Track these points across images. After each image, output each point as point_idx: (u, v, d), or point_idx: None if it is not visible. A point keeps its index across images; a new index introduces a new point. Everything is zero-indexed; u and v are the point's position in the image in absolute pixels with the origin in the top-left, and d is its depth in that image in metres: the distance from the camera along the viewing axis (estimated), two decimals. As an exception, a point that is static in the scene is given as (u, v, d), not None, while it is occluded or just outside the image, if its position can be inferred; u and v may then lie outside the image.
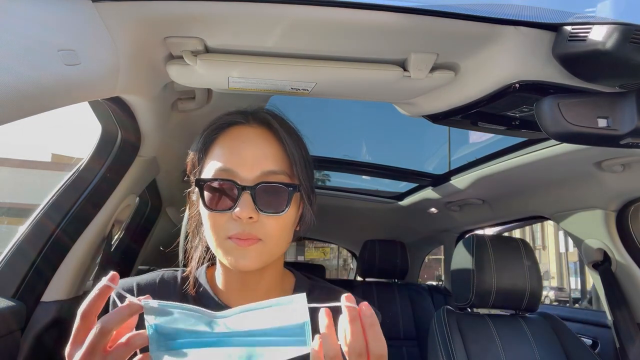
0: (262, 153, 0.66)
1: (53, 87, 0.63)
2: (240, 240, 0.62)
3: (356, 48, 0.83)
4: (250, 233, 0.63)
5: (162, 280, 0.73)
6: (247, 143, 0.66)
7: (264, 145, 0.67)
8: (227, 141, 0.68)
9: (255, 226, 0.63)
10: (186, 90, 1.15)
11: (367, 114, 2.71)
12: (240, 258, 0.63)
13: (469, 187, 1.87)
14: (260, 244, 0.63)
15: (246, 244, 0.62)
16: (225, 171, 0.64)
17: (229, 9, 0.72)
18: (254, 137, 0.67)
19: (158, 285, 0.72)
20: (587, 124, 0.75)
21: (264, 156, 0.66)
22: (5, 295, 1.06)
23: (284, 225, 0.66)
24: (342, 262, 13.89)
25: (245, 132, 0.68)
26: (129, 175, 1.31)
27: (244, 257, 0.63)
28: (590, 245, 1.64)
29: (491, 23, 0.75)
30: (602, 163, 1.31)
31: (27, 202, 9.16)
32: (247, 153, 0.65)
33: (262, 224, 0.63)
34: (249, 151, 0.66)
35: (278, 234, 0.65)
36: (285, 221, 0.66)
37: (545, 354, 1.48)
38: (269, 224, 0.64)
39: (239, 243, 0.62)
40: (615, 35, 0.65)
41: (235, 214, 0.62)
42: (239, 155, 0.65)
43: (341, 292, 0.76)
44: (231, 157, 0.65)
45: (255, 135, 0.68)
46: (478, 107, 0.96)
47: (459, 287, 1.60)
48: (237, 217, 0.62)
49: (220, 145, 0.68)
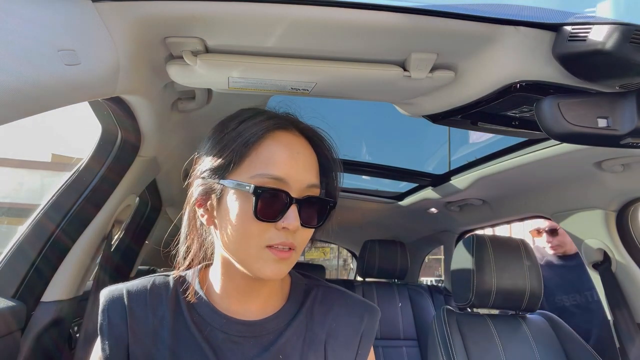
0: (310, 165, 0.65)
1: (53, 87, 0.63)
2: (279, 251, 0.61)
3: (356, 48, 0.83)
4: (291, 244, 0.62)
5: (154, 286, 0.69)
6: (299, 154, 0.64)
7: (311, 156, 0.66)
8: (277, 147, 0.63)
9: (294, 237, 0.63)
10: (186, 90, 1.15)
11: (367, 114, 2.71)
12: (276, 270, 0.61)
13: (469, 187, 1.87)
14: (294, 254, 0.63)
15: (286, 255, 0.61)
16: (276, 180, 0.61)
17: (229, 9, 0.72)
18: (303, 148, 0.66)
19: (149, 292, 0.68)
20: (587, 124, 0.75)
21: (311, 169, 0.65)
22: (5, 295, 1.06)
23: (310, 235, 0.67)
24: (342, 262, 13.89)
25: (295, 140, 0.65)
26: (129, 175, 1.31)
27: (280, 269, 0.62)
28: (590, 245, 1.64)
29: (491, 23, 0.75)
30: (602, 163, 1.31)
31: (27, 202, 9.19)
32: (298, 164, 0.63)
33: (299, 235, 0.63)
34: (300, 162, 0.64)
35: (305, 243, 0.66)
36: (313, 231, 0.67)
37: (545, 354, 1.48)
38: (304, 236, 0.64)
39: (278, 254, 0.61)
40: (615, 35, 0.65)
41: (284, 225, 0.60)
42: (290, 165, 0.62)
43: (339, 290, 0.76)
44: (283, 166, 0.62)
45: (303, 145, 0.66)
46: (478, 107, 0.96)
47: (459, 287, 1.60)
48: (283, 227, 0.60)
49: (270, 150, 0.63)
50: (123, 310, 0.65)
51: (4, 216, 8.58)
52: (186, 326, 0.65)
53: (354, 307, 0.74)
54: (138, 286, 0.69)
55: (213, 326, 0.65)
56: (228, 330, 0.65)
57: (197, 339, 0.64)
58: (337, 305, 0.73)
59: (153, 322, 0.66)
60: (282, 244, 0.61)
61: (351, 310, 0.73)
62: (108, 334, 0.64)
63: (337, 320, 0.71)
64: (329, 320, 0.71)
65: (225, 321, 0.66)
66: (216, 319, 0.66)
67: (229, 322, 0.66)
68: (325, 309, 0.72)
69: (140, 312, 0.66)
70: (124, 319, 0.65)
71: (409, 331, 2.46)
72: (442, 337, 1.51)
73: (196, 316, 0.66)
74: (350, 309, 0.73)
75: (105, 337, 0.64)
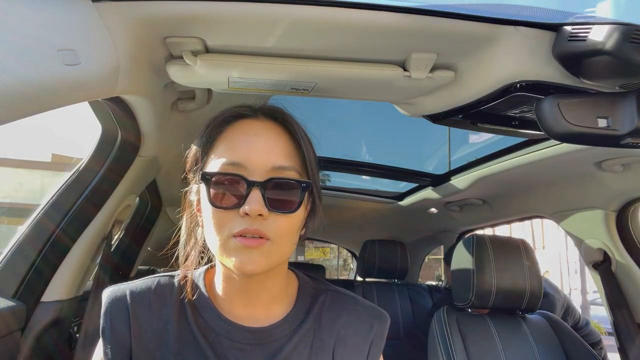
0: (273, 146, 0.61)
1: (53, 87, 0.63)
2: (246, 239, 0.57)
3: (356, 48, 0.83)
4: (258, 230, 0.57)
5: (158, 287, 0.66)
6: (257, 136, 0.61)
7: (275, 138, 0.62)
8: (235, 134, 0.62)
9: (264, 224, 0.58)
10: (186, 90, 1.15)
11: (367, 113, 2.71)
12: (246, 260, 0.57)
13: (469, 187, 1.87)
14: (269, 244, 0.58)
15: (254, 243, 0.57)
16: (233, 165, 0.59)
17: (229, 9, 0.72)
18: (264, 130, 0.63)
19: (153, 293, 0.65)
20: (587, 124, 0.75)
21: (275, 150, 0.61)
22: (5, 295, 1.06)
23: (294, 225, 0.61)
24: (342, 262, 13.89)
25: (254, 125, 0.63)
26: (129, 175, 1.31)
27: (250, 258, 0.57)
28: (590, 245, 1.64)
29: (491, 23, 0.75)
30: (602, 163, 1.31)
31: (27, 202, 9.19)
32: (256, 146, 0.60)
33: (271, 222, 0.58)
34: (258, 144, 0.61)
35: (287, 234, 0.60)
36: (295, 220, 0.61)
37: (545, 354, 1.48)
38: (279, 223, 0.59)
39: (245, 242, 0.57)
40: (615, 35, 0.65)
41: (243, 211, 0.57)
42: (248, 149, 0.60)
43: (348, 295, 0.74)
44: (240, 150, 0.60)
45: (266, 128, 0.63)
46: (478, 107, 0.96)
47: (459, 287, 1.60)
48: (245, 214, 0.57)
49: (228, 138, 0.62)
50: (126, 312, 0.63)
51: (4, 216, 8.59)
52: (191, 332, 0.63)
53: (363, 313, 0.71)
54: (142, 287, 0.66)
55: (218, 332, 0.63)
56: (233, 337, 0.63)
57: (202, 345, 0.62)
58: (346, 312, 0.70)
59: (157, 325, 0.63)
60: (246, 232, 0.57)
61: (360, 317, 0.70)
62: (110, 337, 0.62)
63: (346, 327, 0.68)
64: (338, 327, 0.68)
65: (231, 327, 0.63)
66: (221, 324, 0.64)
67: (234, 329, 0.63)
68: (334, 315, 0.69)
69: (144, 315, 0.63)
70: (126, 322, 0.62)
71: (409, 331, 2.46)
72: (442, 337, 1.51)
73: (201, 321, 0.64)
74: (359, 315, 0.70)
75: (107, 341, 0.62)
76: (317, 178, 0.67)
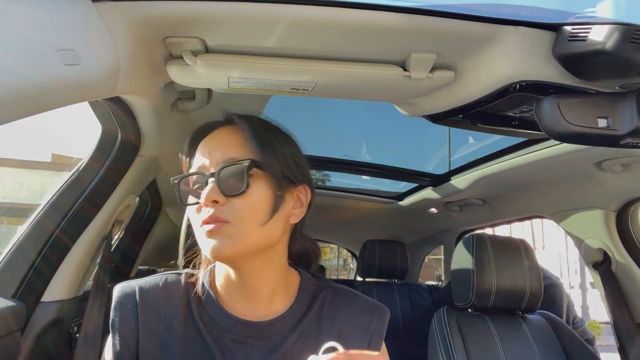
0: (225, 144, 0.67)
1: (53, 87, 0.63)
2: (207, 225, 0.62)
3: (356, 48, 0.83)
4: (213, 215, 0.61)
5: (166, 284, 0.71)
6: (211, 140, 0.68)
7: (227, 137, 0.68)
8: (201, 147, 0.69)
9: (222, 210, 0.62)
10: (186, 90, 1.15)
11: (367, 113, 2.71)
12: (211, 245, 0.62)
13: (469, 187, 1.87)
14: (229, 226, 0.61)
15: (213, 228, 0.61)
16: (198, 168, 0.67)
17: (229, 9, 0.72)
18: (221, 135, 0.69)
19: (161, 289, 0.70)
20: (587, 124, 0.75)
21: (226, 146, 0.66)
22: (5, 295, 1.06)
23: (253, 205, 0.63)
24: (342, 262, 13.89)
25: (216, 134, 0.70)
26: (129, 175, 1.31)
27: (214, 242, 0.62)
28: (590, 245, 1.64)
29: (491, 23, 0.75)
30: (602, 163, 1.31)
31: (27, 202, 9.20)
32: (212, 146, 0.67)
33: (229, 206, 0.62)
34: (214, 144, 0.68)
35: (247, 215, 0.63)
36: (252, 200, 0.63)
37: (545, 354, 1.48)
38: (236, 206, 0.62)
39: (207, 228, 0.62)
40: (615, 35, 0.65)
41: (202, 203, 0.62)
42: (203, 152, 0.67)
43: (348, 291, 0.76)
44: (199, 156, 0.68)
45: (223, 133, 0.69)
46: (478, 107, 0.96)
47: (459, 287, 1.60)
48: (204, 205, 0.62)
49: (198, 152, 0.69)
50: (134, 307, 0.67)
51: (4, 216, 8.59)
52: (196, 326, 0.67)
53: (362, 308, 0.74)
54: (150, 283, 0.70)
55: (221, 327, 0.66)
56: (235, 331, 0.66)
57: (206, 339, 0.65)
58: (346, 307, 0.73)
59: (164, 319, 0.67)
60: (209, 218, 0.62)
61: (360, 311, 0.73)
62: (119, 330, 0.66)
63: (345, 322, 0.71)
64: (338, 322, 0.71)
65: (233, 322, 0.67)
66: (224, 319, 0.67)
67: (237, 323, 0.67)
68: (334, 311, 0.72)
69: (152, 309, 0.67)
70: (135, 315, 0.66)
71: (409, 329, 2.46)
72: (442, 337, 1.51)
73: (206, 316, 0.68)
74: (359, 310, 0.73)
75: (116, 334, 0.65)
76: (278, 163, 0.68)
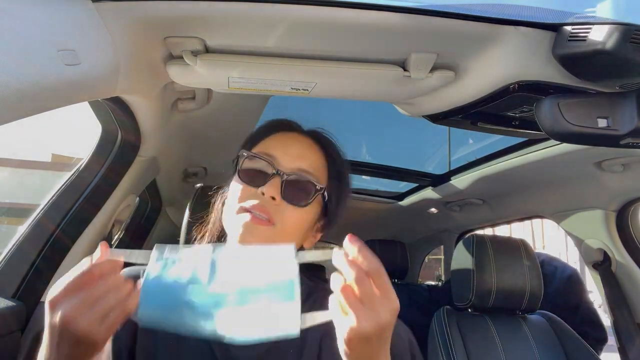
0: (305, 155, 0.71)
1: (53, 87, 0.63)
2: (254, 217, 0.64)
3: (356, 48, 0.83)
4: (265, 208, 0.64)
5: None
6: (294, 141, 0.72)
7: (309, 149, 0.72)
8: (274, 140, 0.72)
9: (274, 207, 0.65)
10: (186, 90, 1.15)
11: (367, 113, 2.70)
12: (247, 233, 0.63)
13: (469, 187, 1.87)
14: (272, 228, 0.65)
15: (260, 222, 0.64)
16: (267, 155, 0.69)
17: (229, 9, 0.72)
18: (301, 141, 0.73)
19: None
20: (587, 124, 0.75)
21: (306, 157, 0.70)
22: (5, 295, 1.06)
23: (301, 219, 0.68)
24: (342, 262, 13.88)
25: (293, 135, 0.74)
26: (129, 175, 1.31)
27: (252, 233, 0.64)
28: (590, 245, 1.64)
29: (491, 23, 0.75)
30: (602, 163, 1.31)
31: (27, 202, 9.17)
32: (292, 148, 0.70)
33: (281, 209, 0.66)
34: (294, 147, 0.71)
35: (293, 224, 0.67)
36: (303, 216, 0.68)
37: (545, 355, 1.48)
38: (287, 212, 0.66)
39: (252, 219, 0.64)
40: (615, 35, 0.65)
41: (261, 190, 0.65)
42: (284, 147, 0.70)
43: None
44: (277, 146, 0.70)
45: (302, 140, 0.73)
46: (478, 107, 0.96)
47: (459, 287, 1.60)
48: (261, 193, 0.65)
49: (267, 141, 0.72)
50: None
51: (4, 216, 8.58)
52: None
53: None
54: None
55: None
56: None
57: None
58: None
59: None
60: (257, 208, 0.64)
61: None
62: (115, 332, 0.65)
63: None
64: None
65: None
66: None
67: None
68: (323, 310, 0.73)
69: None
70: None
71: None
72: (442, 337, 1.51)
73: None
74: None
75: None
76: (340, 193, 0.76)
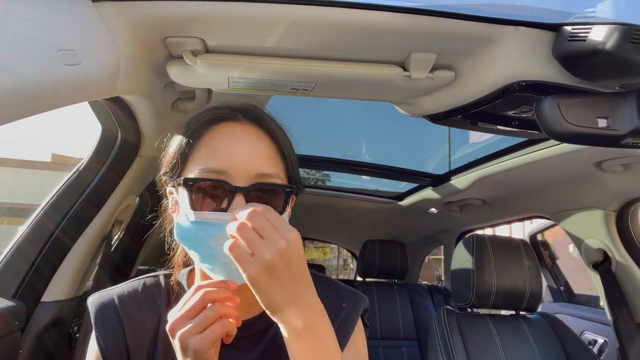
0: (256, 152, 0.61)
1: (53, 87, 0.63)
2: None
3: (356, 48, 0.83)
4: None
5: (145, 289, 0.68)
6: (240, 141, 0.61)
7: (258, 143, 0.62)
8: (216, 139, 0.61)
9: None
10: (186, 90, 1.15)
11: (367, 113, 2.71)
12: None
13: (469, 187, 1.87)
14: None
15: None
16: (215, 172, 0.59)
17: (229, 9, 0.72)
18: (246, 135, 0.62)
19: (141, 293, 0.67)
20: (587, 124, 0.75)
21: (258, 156, 0.61)
22: (5, 295, 1.06)
23: None
24: (342, 262, 13.89)
25: (236, 128, 0.62)
26: (129, 175, 1.31)
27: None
28: (590, 245, 1.64)
29: (491, 23, 0.75)
30: (602, 163, 1.31)
31: (27, 202, 9.19)
32: (239, 152, 0.60)
33: None
34: (241, 150, 0.60)
35: None
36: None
37: (545, 354, 1.48)
38: None
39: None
40: (615, 35, 0.65)
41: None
42: (231, 154, 0.59)
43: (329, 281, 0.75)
44: (222, 156, 0.59)
45: (248, 133, 0.62)
46: (478, 107, 0.96)
47: (459, 287, 1.60)
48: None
49: (209, 143, 0.61)
50: (117, 317, 0.64)
51: (4, 216, 8.58)
52: None
53: (337, 294, 0.73)
54: (128, 289, 0.68)
55: None
56: None
57: None
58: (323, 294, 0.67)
59: (150, 324, 0.65)
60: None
61: (334, 297, 0.71)
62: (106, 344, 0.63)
63: None
64: None
65: None
66: None
67: None
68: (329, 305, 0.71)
69: (135, 316, 0.65)
70: (119, 326, 0.64)
71: (409, 331, 2.46)
72: (442, 337, 1.51)
73: None
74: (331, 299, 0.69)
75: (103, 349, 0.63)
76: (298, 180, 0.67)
